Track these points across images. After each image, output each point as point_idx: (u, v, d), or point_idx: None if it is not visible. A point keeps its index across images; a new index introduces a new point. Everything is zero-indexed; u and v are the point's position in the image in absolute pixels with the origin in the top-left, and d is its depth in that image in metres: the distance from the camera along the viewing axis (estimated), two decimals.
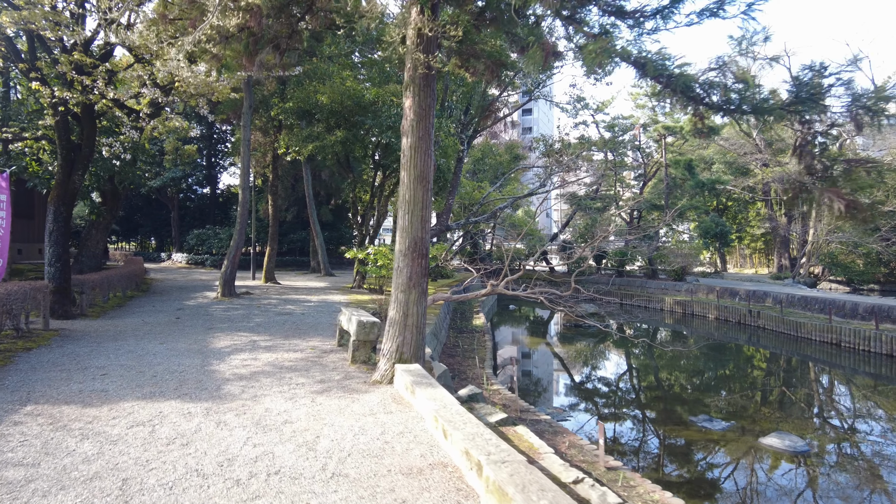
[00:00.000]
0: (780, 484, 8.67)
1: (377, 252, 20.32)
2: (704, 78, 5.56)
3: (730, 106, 5.58)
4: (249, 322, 13.85)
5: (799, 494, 8.38)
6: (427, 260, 8.38)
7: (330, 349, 10.67)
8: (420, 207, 8.23)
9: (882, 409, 13.43)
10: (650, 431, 11.02)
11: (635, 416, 12.35)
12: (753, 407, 13.15)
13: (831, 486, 8.70)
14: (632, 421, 11.96)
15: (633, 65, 5.95)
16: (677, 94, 5.82)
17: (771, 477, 8.92)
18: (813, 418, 12.29)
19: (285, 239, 41.15)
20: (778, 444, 9.63)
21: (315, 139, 19.49)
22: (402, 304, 8.17)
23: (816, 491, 8.55)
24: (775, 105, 5.52)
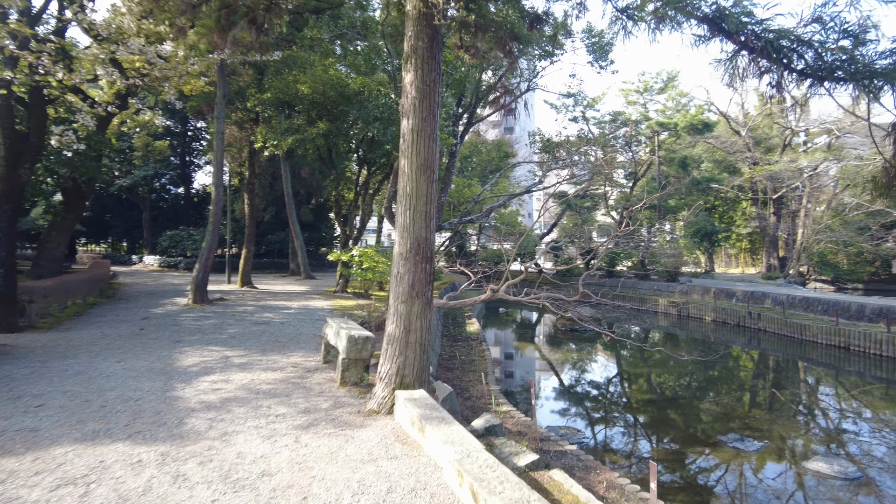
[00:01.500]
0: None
1: (362, 254, 18.95)
2: (800, 33, 4.38)
3: (830, 71, 4.40)
4: (222, 333, 12.38)
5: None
6: (433, 265, 7.08)
7: (314, 367, 9.29)
8: (424, 202, 6.93)
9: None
10: (676, 454, 9.85)
11: (654, 435, 11.19)
12: (779, 420, 12.09)
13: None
14: (649, 440, 10.79)
15: (704, 21, 4.74)
16: (760, 56, 4.62)
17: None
18: (844, 433, 11.27)
19: (263, 240, 39.42)
20: (826, 470, 8.52)
21: (295, 132, 18.03)
22: (402, 317, 6.85)
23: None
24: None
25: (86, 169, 17.36)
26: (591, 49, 17.18)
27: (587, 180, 28.53)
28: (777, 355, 19.48)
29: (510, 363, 18.91)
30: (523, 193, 20.41)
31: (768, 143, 41.62)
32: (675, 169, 33.53)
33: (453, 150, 16.69)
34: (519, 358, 19.93)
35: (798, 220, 39.99)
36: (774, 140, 42.37)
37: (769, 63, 4.68)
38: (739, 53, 4.85)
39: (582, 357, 19.98)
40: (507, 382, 15.43)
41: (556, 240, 36.35)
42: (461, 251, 34.44)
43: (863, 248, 35.64)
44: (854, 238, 34.50)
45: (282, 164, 28.01)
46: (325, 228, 40.94)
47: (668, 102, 34.88)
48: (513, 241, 24.38)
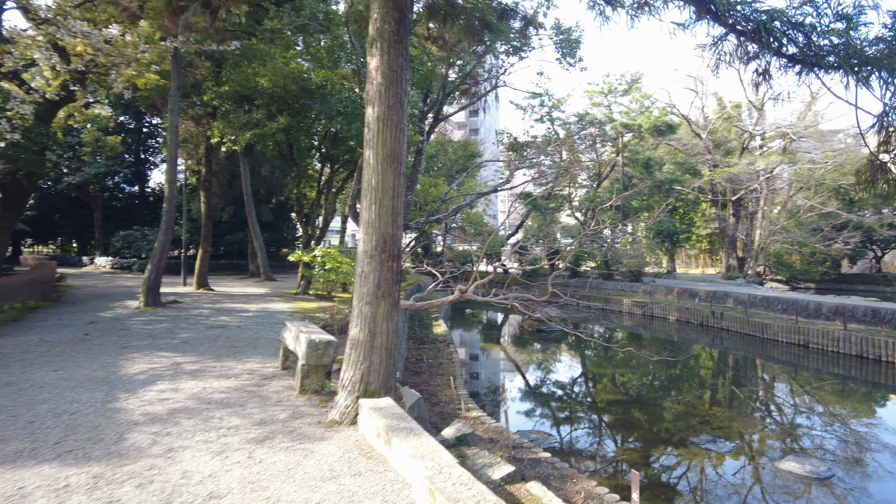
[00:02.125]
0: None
1: (325, 254, 18.29)
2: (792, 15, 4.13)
3: (821, 57, 4.15)
4: (174, 338, 11.63)
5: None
6: (400, 263, 6.63)
7: (272, 373, 8.71)
8: (391, 196, 6.47)
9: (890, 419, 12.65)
10: (647, 456, 9.64)
11: (624, 437, 10.98)
12: (746, 419, 12.07)
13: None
14: (620, 442, 10.56)
15: (692, 1, 4.45)
16: (749, 39, 4.35)
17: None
18: (811, 431, 11.29)
19: (222, 240, 38.19)
20: (799, 470, 8.42)
21: (254, 127, 17.27)
22: (367, 319, 6.38)
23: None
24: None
25: (25, 163, 16.21)
26: (559, 46, 16.99)
27: (553, 180, 28.50)
28: (740, 354, 19.69)
29: (478, 365, 18.58)
30: (491, 192, 20.12)
31: (727, 146, 42.59)
32: (638, 170, 33.87)
33: (420, 148, 16.25)
34: (487, 359, 19.62)
35: (756, 222, 41.02)
36: (733, 143, 43.40)
37: (758, 47, 4.42)
38: (727, 37, 4.58)
39: (549, 358, 19.80)
40: (475, 384, 15.07)
41: (521, 240, 36.28)
42: (427, 252, 34.01)
43: (816, 248, 36.71)
44: (808, 239, 35.51)
45: (241, 162, 27.04)
46: (286, 228, 39.90)
47: (633, 104, 35.26)
48: (480, 242, 24.09)
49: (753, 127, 41.03)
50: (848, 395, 14.52)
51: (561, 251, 12.32)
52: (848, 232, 35.21)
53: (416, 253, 33.82)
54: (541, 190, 33.05)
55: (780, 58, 4.45)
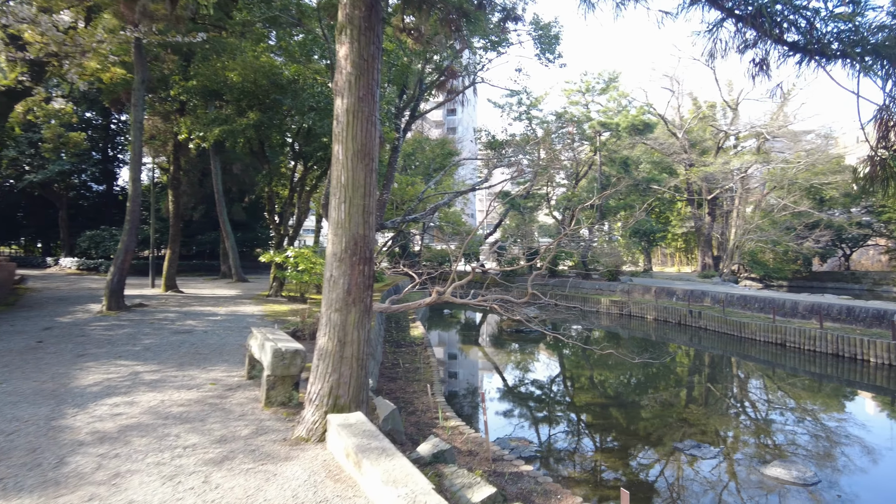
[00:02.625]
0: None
1: (298, 255, 17.72)
2: None
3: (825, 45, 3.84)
4: (135, 345, 10.99)
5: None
6: (372, 266, 6.18)
7: (237, 384, 8.19)
8: (361, 194, 6.02)
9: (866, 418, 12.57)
10: (629, 463, 9.34)
11: (606, 443, 10.67)
12: (727, 421, 11.90)
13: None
14: (602, 449, 10.26)
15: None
16: (748, 25, 4.02)
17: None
18: (795, 434, 11.14)
19: (192, 241, 37.14)
20: (785, 476, 8.19)
21: (223, 122, 16.60)
22: (337, 327, 5.91)
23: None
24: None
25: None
26: (538, 41, 16.65)
27: (531, 179, 28.23)
28: (718, 353, 19.66)
29: (456, 366, 18.18)
30: (469, 191, 19.74)
31: (702, 146, 42.90)
32: (616, 169, 33.84)
33: (396, 145, 15.78)
34: (465, 360, 19.23)
35: (731, 221, 41.40)
36: (708, 143, 43.74)
37: (757, 34, 4.09)
38: (723, 23, 4.24)
39: (528, 358, 19.51)
40: (453, 384, 14.67)
41: (499, 240, 36.03)
42: (404, 252, 33.50)
43: (789, 247, 37.16)
44: (781, 237, 35.91)
45: (212, 160, 26.19)
46: (259, 228, 38.98)
47: (610, 103, 35.22)
48: (458, 242, 23.70)
49: (729, 126, 41.40)
50: (827, 395, 14.48)
51: (540, 251, 11.98)
52: (820, 231, 35.70)
53: (392, 253, 33.30)
54: (519, 189, 32.79)
55: (781, 45, 4.13)
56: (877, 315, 18.70)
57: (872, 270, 47.61)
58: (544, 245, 12.31)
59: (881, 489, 8.51)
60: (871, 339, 16.67)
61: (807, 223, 35.97)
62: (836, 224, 39.23)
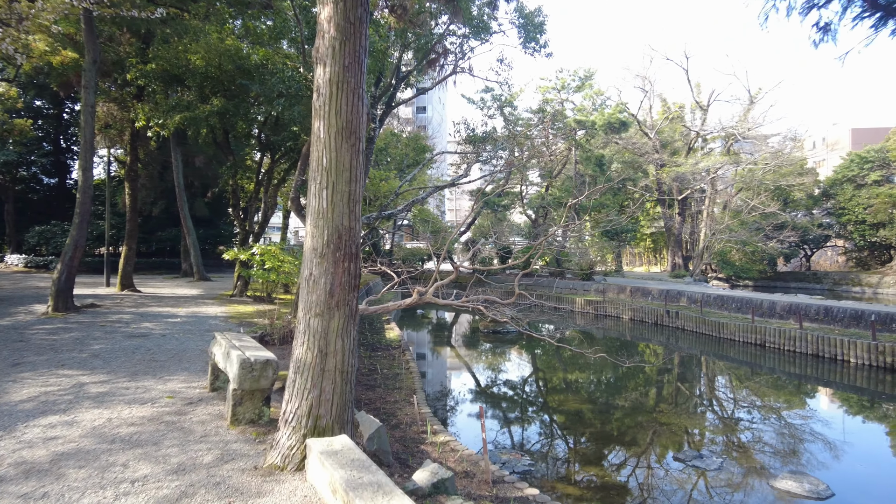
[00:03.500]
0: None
1: (264, 252, 16.68)
2: None
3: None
4: (83, 351, 9.85)
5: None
6: (359, 264, 5.33)
7: (198, 396, 7.22)
8: (347, 179, 5.17)
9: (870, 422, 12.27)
10: (630, 475, 8.71)
11: (603, 454, 10.03)
12: (719, 429, 11.42)
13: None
14: (600, 458, 9.60)
15: None
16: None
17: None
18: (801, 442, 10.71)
19: (153, 237, 35.35)
20: (797, 489, 7.67)
21: (184, 109, 15.40)
22: (317, 335, 5.05)
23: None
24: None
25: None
26: (521, 30, 15.89)
27: (507, 175, 27.61)
28: (698, 354, 19.36)
29: (436, 372, 17.35)
30: (449, 185, 18.95)
31: (673, 147, 43.12)
32: (591, 168, 33.53)
33: (371, 136, 14.88)
34: (444, 365, 18.41)
35: (701, 221, 41.71)
36: (678, 143, 44.00)
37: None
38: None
39: (510, 362, 18.84)
40: (434, 392, 13.83)
41: (474, 239, 35.37)
42: (376, 250, 32.49)
43: (758, 247, 37.55)
44: (751, 238, 36.24)
45: (172, 151, 24.76)
46: (223, 225, 37.40)
47: (585, 101, 34.94)
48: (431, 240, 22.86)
49: (700, 127, 41.72)
50: (810, 396, 14.22)
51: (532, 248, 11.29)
52: (788, 231, 36.16)
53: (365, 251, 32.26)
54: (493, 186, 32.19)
55: (860, 2, 3.48)
56: (854, 315, 18.67)
57: (832, 270, 48.71)
58: (522, 244, 11.67)
59: None
60: (852, 340, 16.54)
61: (775, 224, 36.39)
62: (801, 225, 39.89)
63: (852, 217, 41.59)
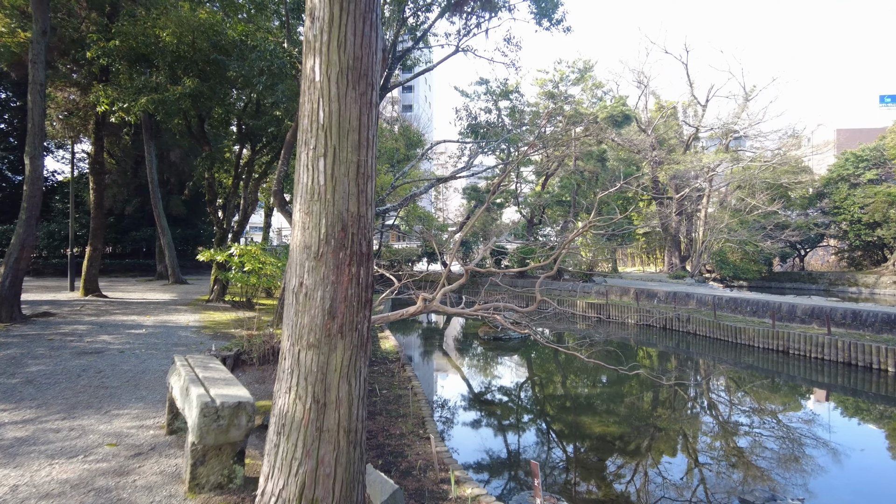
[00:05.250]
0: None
1: (244, 253, 14.87)
2: None
3: None
4: (14, 375, 8.02)
5: None
6: (371, 269, 3.65)
7: (150, 442, 5.48)
8: (355, 143, 3.50)
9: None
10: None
11: (653, 486, 8.42)
12: (789, 461, 9.91)
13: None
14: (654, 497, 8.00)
15: None
16: None
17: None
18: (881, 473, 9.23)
19: (126, 237, 33.21)
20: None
21: (152, 91, 13.56)
22: (312, 378, 3.36)
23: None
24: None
25: None
26: (534, 2, 14.23)
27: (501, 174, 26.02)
28: (716, 361, 17.95)
29: (440, 388, 15.51)
30: (449, 179, 17.31)
31: (670, 144, 41.92)
32: (592, 163, 32.07)
33: (385, 84, 13.11)
34: (447, 380, 16.55)
35: (699, 220, 40.53)
36: (673, 141, 42.81)
37: None
38: None
39: (524, 374, 17.17)
40: (445, 417, 12.12)
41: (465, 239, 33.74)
42: None
43: (757, 247, 36.45)
44: (751, 237, 35.10)
45: (145, 144, 22.78)
46: (201, 224, 35.32)
47: (584, 95, 33.52)
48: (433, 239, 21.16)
49: (699, 123, 40.56)
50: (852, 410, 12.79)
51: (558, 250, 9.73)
52: (790, 231, 35.12)
53: None
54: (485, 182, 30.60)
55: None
56: (887, 320, 17.37)
57: (826, 271, 48.00)
58: (561, 245, 10.11)
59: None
60: (890, 347, 15.22)
61: (777, 223, 35.31)
62: (802, 224, 38.95)
63: (847, 216, 40.76)
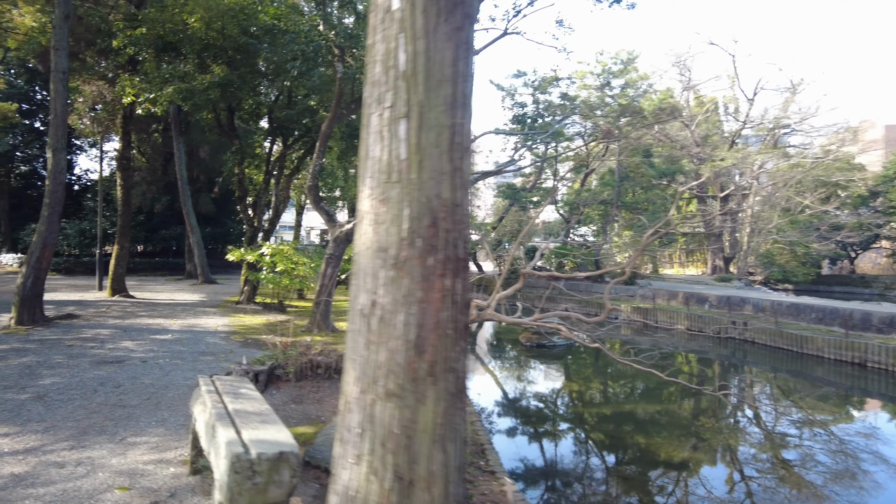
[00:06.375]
0: None
1: (275, 253, 14.04)
2: None
3: None
4: (25, 389, 7.15)
5: None
6: (468, 279, 2.54)
7: (169, 485, 4.46)
8: (449, 98, 2.39)
9: None
10: None
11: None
12: None
13: None
14: None
15: None
16: None
17: None
18: None
19: (156, 236, 32.88)
20: None
21: (179, 80, 12.75)
22: (391, 440, 2.25)
23: None
24: None
25: None
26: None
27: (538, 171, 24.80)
28: (783, 374, 16.44)
29: (492, 407, 13.66)
30: (494, 173, 16.19)
31: (714, 140, 40.03)
32: (638, 159, 30.51)
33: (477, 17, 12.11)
34: (492, 392, 14.88)
35: (744, 219, 38.58)
36: (714, 137, 40.89)
37: None
38: None
39: (578, 388, 15.89)
40: (503, 443, 10.92)
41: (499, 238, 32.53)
42: None
43: (809, 248, 34.42)
44: (804, 238, 33.10)
45: (174, 141, 22.21)
46: (230, 223, 34.83)
47: (627, 88, 31.98)
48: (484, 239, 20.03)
49: (745, 117, 38.58)
50: None
51: (638, 250, 8.54)
52: (847, 232, 33.07)
53: None
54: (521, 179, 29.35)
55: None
56: None
57: (881, 274, 45.54)
58: (636, 249, 8.95)
59: None
60: None
61: (831, 224, 33.23)
62: (855, 225, 36.71)
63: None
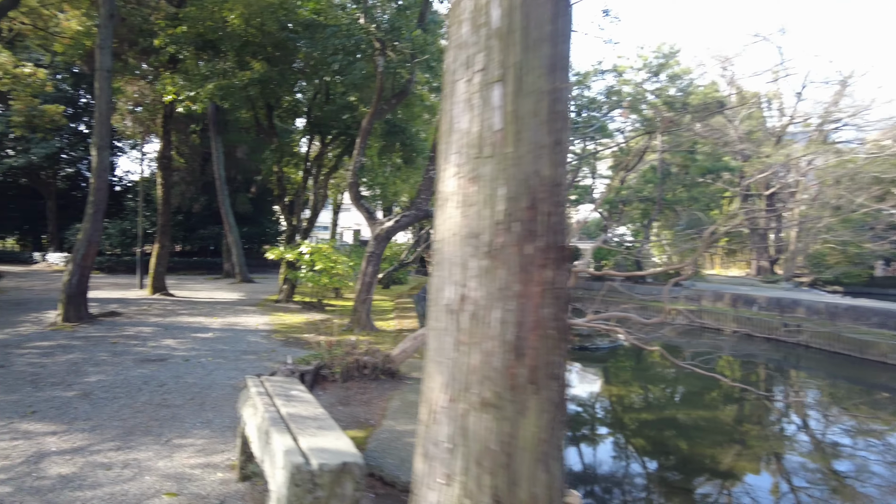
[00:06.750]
0: None
1: (314, 251, 13.90)
2: None
3: None
4: (71, 386, 7.06)
5: None
6: (569, 270, 2.18)
7: (218, 492, 4.20)
8: (547, 60, 2.03)
9: None
10: None
11: None
12: None
13: None
14: None
15: None
16: None
17: None
18: None
19: (195, 235, 33.35)
20: None
21: (220, 77, 12.69)
22: (487, 457, 1.91)
23: None
24: None
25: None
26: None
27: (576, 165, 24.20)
28: (837, 378, 15.58)
29: None
30: None
31: (758, 136, 38.64)
32: (682, 156, 29.58)
33: None
34: None
35: (791, 219, 37.12)
36: (758, 133, 39.48)
37: None
38: None
39: (633, 390, 15.40)
40: None
41: None
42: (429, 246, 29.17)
43: (862, 248, 32.83)
44: (857, 237, 31.55)
45: (213, 141, 22.39)
46: (267, 222, 35.13)
47: (668, 83, 31.06)
48: None
49: (792, 112, 37.13)
50: None
51: (698, 248, 8.07)
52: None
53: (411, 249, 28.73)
54: None
55: None
56: None
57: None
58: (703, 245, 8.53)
59: None
60: None
61: (888, 223, 31.57)
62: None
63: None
